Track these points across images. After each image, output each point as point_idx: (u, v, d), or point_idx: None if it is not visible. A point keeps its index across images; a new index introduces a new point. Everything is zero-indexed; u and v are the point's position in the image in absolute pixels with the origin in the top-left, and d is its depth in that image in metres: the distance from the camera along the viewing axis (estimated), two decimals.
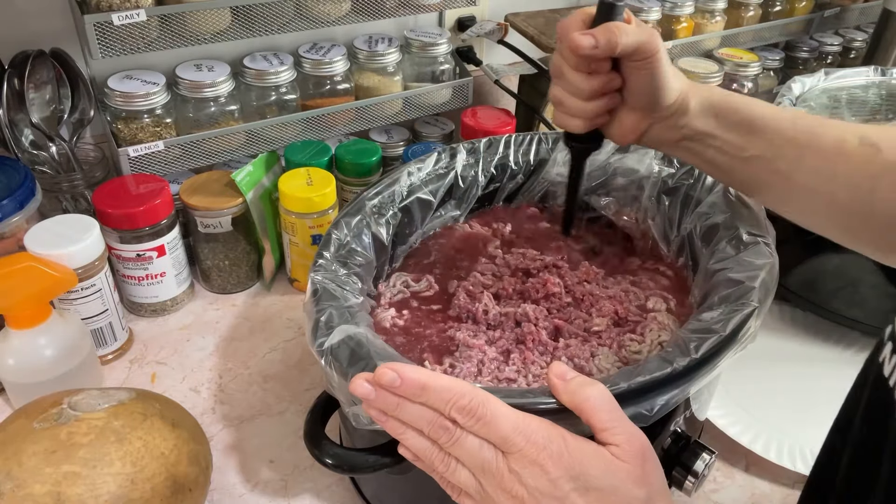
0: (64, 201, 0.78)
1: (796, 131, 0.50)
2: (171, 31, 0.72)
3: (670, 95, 0.52)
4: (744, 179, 0.54)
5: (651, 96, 0.51)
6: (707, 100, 0.52)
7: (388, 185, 0.63)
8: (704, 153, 0.53)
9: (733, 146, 0.52)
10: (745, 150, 0.51)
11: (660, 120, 0.53)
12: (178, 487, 0.52)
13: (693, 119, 0.52)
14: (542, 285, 0.60)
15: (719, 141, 0.52)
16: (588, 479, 0.38)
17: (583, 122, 0.53)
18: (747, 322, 0.48)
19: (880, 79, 0.91)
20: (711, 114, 0.52)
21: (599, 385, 0.41)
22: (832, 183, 0.49)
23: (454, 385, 0.39)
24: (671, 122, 0.53)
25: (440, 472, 0.40)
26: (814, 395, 0.71)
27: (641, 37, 0.49)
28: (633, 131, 0.54)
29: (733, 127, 0.52)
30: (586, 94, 0.51)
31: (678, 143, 0.54)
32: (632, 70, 0.51)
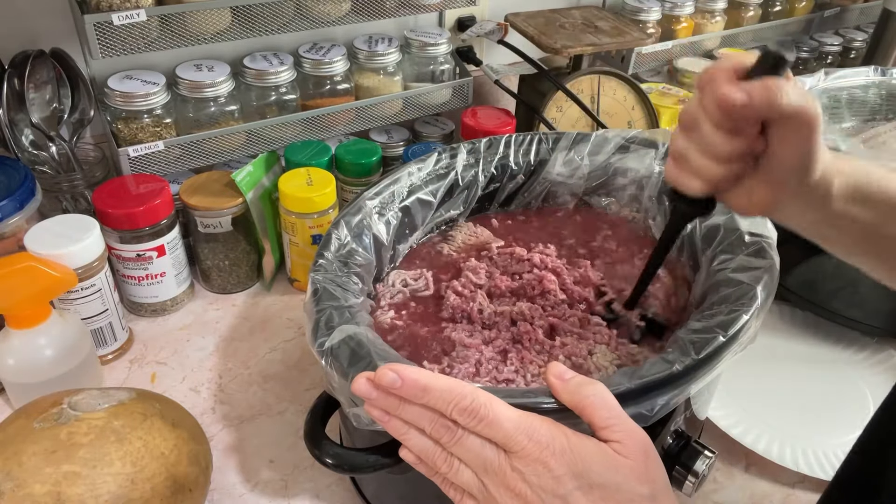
0: (64, 201, 0.78)
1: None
2: (171, 31, 0.72)
3: (815, 172, 0.44)
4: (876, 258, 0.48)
5: (795, 171, 0.44)
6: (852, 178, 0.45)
7: (389, 185, 0.63)
8: (840, 238, 0.48)
9: (873, 226, 0.46)
10: (881, 229, 0.46)
11: (796, 198, 0.45)
12: (178, 487, 0.52)
13: (833, 202, 0.45)
14: (539, 282, 0.60)
15: (859, 223, 0.46)
16: (591, 475, 0.38)
17: (706, 185, 0.45)
18: (747, 322, 0.48)
19: (880, 79, 0.91)
20: (852, 194, 0.45)
21: (598, 384, 0.41)
22: None
23: (455, 386, 0.39)
24: (809, 202, 0.45)
25: (443, 472, 0.40)
26: (814, 395, 0.71)
27: (804, 102, 0.41)
28: (761, 205, 0.46)
29: (874, 208, 0.45)
30: (723, 157, 0.43)
31: (809, 223, 0.47)
32: (783, 137, 0.42)
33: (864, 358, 0.76)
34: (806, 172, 0.44)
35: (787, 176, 0.44)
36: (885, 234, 0.46)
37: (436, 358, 0.55)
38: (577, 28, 0.95)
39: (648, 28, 1.06)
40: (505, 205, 0.70)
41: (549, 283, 0.60)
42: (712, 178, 0.44)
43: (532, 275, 0.61)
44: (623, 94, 0.97)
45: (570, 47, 0.90)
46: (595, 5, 1.06)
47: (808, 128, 0.42)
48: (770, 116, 0.41)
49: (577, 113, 0.95)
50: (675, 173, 0.46)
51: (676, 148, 0.46)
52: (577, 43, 0.91)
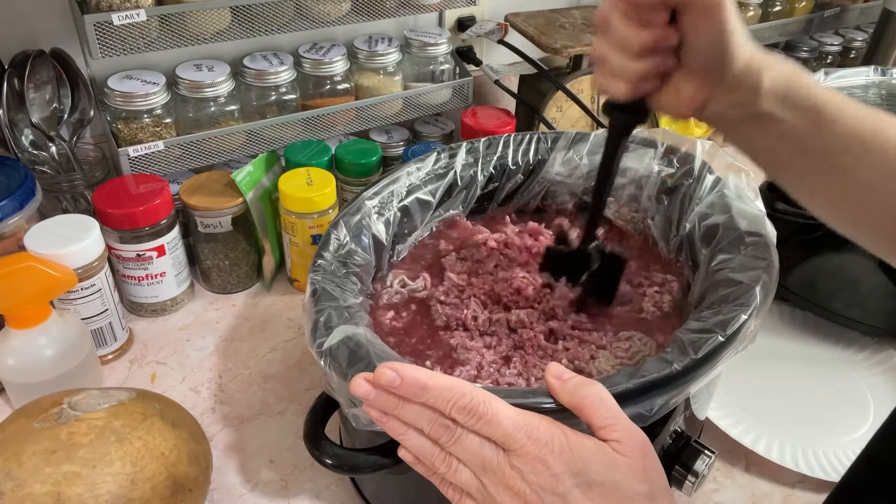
0: (64, 201, 0.78)
1: (864, 125, 0.45)
2: (171, 31, 0.72)
3: (739, 59, 0.43)
4: (798, 173, 0.48)
5: (715, 58, 0.43)
6: (780, 76, 0.45)
7: (388, 185, 0.63)
8: (763, 140, 0.47)
9: (798, 134, 0.45)
10: (808, 140, 0.45)
11: (724, 92, 0.45)
12: (178, 487, 0.52)
13: (764, 99, 0.45)
14: (517, 293, 0.59)
15: (785, 126, 0.45)
16: (590, 474, 0.38)
17: (628, 85, 0.45)
18: (747, 322, 0.48)
19: (880, 79, 0.91)
20: (782, 94, 0.45)
21: (597, 384, 0.41)
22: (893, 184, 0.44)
23: (455, 384, 0.39)
24: (737, 98, 0.45)
25: (441, 472, 0.40)
26: (814, 395, 0.71)
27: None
28: (690, 102, 0.46)
29: (801, 113, 0.45)
30: (636, 50, 0.43)
31: (739, 122, 0.47)
32: (693, 23, 0.42)
33: (865, 358, 0.76)
34: (725, 60, 0.43)
35: (706, 64, 0.44)
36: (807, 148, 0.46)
37: (437, 360, 0.55)
38: (577, 28, 0.95)
39: None
40: (504, 204, 0.70)
41: (526, 290, 0.59)
42: (633, 76, 0.44)
43: (503, 281, 0.60)
44: None
45: (570, 47, 0.90)
46: (595, 5, 1.06)
47: (714, 8, 0.41)
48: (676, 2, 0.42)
49: (577, 113, 0.95)
50: (600, 79, 0.47)
51: (596, 52, 0.46)
52: (577, 43, 0.91)
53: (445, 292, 0.60)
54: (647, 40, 0.43)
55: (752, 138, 0.48)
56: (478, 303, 0.59)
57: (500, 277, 0.61)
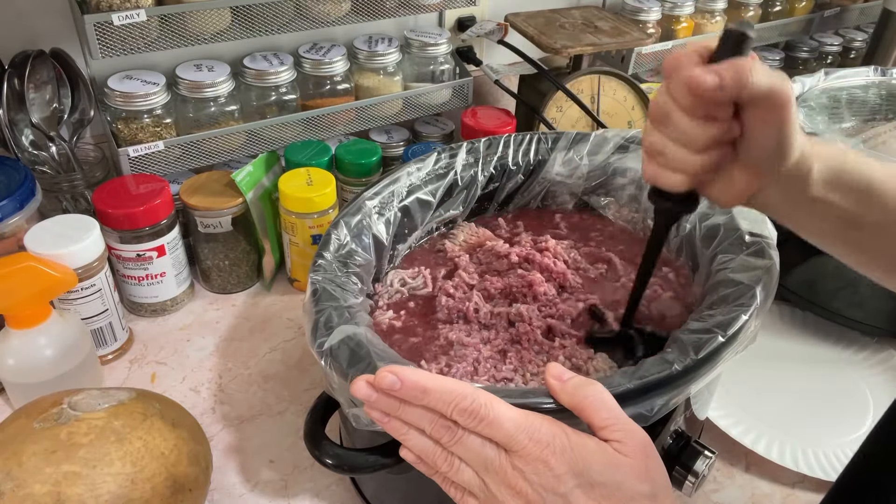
0: (64, 201, 0.78)
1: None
2: (171, 31, 0.72)
3: (794, 154, 0.43)
4: (854, 247, 0.47)
5: (773, 152, 0.43)
6: (829, 162, 0.44)
7: (388, 185, 0.63)
8: (815, 222, 0.46)
9: (851, 214, 0.45)
10: (861, 218, 0.45)
11: (774, 184, 0.45)
12: (178, 487, 0.52)
13: (812, 186, 0.44)
14: (529, 286, 0.60)
15: (834, 209, 0.45)
16: (591, 474, 0.38)
17: (687, 178, 0.44)
18: (747, 323, 0.48)
19: (880, 79, 0.91)
20: (831, 179, 0.44)
21: (597, 384, 0.41)
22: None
23: (455, 387, 0.39)
24: (786, 188, 0.45)
25: (443, 471, 0.40)
26: (814, 395, 0.71)
27: (775, 81, 0.40)
28: (742, 193, 0.45)
29: (852, 193, 0.44)
30: (699, 145, 0.42)
31: (790, 209, 0.46)
32: (758, 118, 0.41)
33: (865, 358, 0.76)
34: (783, 154, 0.43)
35: (765, 158, 0.43)
36: (861, 224, 0.45)
37: (434, 357, 0.55)
38: (577, 28, 0.95)
39: (648, 28, 1.06)
40: (504, 205, 0.70)
41: (538, 287, 0.59)
42: (693, 170, 0.43)
43: (519, 277, 0.61)
44: (623, 95, 0.97)
45: (570, 47, 0.90)
46: (595, 5, 1.06)
47: (781, 106, 0.41)
48: (742, 97, 0.40)
49: (577, 113, 0.95)
50: (653, 170, 0.45)
51: (651, 144, 0.44)
52: (577, 43, 0.91)
53: (455, 286, 0.60)
54: (713, 136, 0.42)
55: (804, 224, 0.47)
56: (480, 296, 0.59)
57: (518, 274, 0.61)
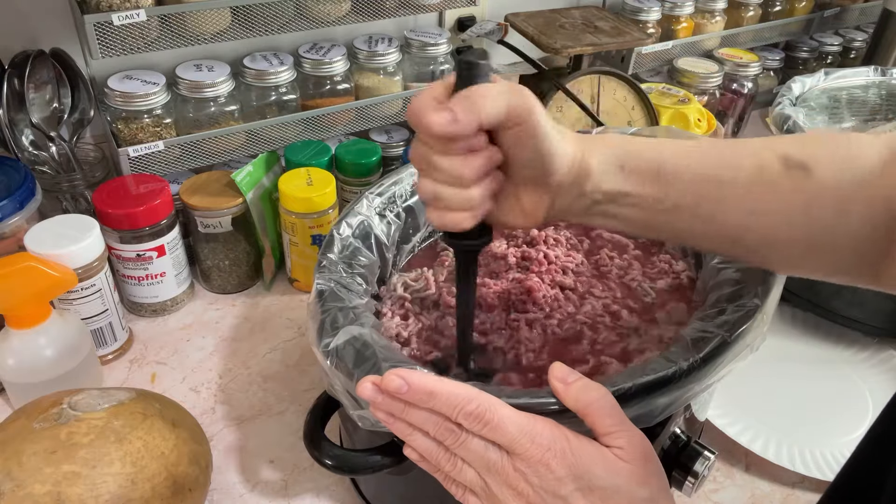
0: (64, 201, 0.78)
1: (711, 167, 0.43)
2: (171, 31, 0.72)
3: (563, 160, 0.43)
4: (674, 232, 0.46)
5: (540, 166, 0.42)
6: (608, 153, 0.44)
7: (391, 186, 0.63)
8: (621, 214, 0.45)
9: (649, 199, 0.44)
10: (662, 202, 0.44)
11: (562, 191, 0.44)
12: (178, 487, 0.52)
13: (600, 181, 0.44)
14: (528, 293, 0.59)
15: (633, 198, 0.44)
16: (592, 478, 0.38)
17: (470, 214, 0.42)
18: (752, 322, 0.48)
19: (880, 79, 0.91)
20: (617, 169, 0.44)
21: (601, 388, 0.41)
22: (765, 219, 0.43)
23: (461, 391, 0.39)
24: (576, 191, 0.44)
25: (446, 471, 0.41)
26: (813, 395, 0.71)
27: (510, 99, 0.40)
28: (535, 211, 0.45)
29: (644, 178, 0.44)
30: (468, 180, 0.41)
31: (589, 209, 0.46)
32: (510, 140, 0.41)
33: (865, 358, 0.76)
34: (550, 164, 0.42)
35: (534, 174, 0.43)
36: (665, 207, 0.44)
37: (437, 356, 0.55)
38: (577, 28, 0.95)
39: (648, 28, 1.06)
40: None
41: (537, 293, 0.59)
42: (472, 205, 0.42)
43: (517, 282, 0.60)
44: (623, 94, 0.97)
45: (570, 47, 0.90)
46: (595, 5, 1.06)
47: (524, 121, 0.40)
48: (485, 124, 0.40)
49: (577, 113, 0.95)
50: (438, 216, 0.43)
51: (425, 193, 0.43)
52: (577, 43, 0.91)
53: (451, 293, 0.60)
54: (477, 166, 0.41)
55: (607, 218, 0.46)
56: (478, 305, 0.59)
57: (516, 278, 0.61)
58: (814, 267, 0.45)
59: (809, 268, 0.46)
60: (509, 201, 0.44)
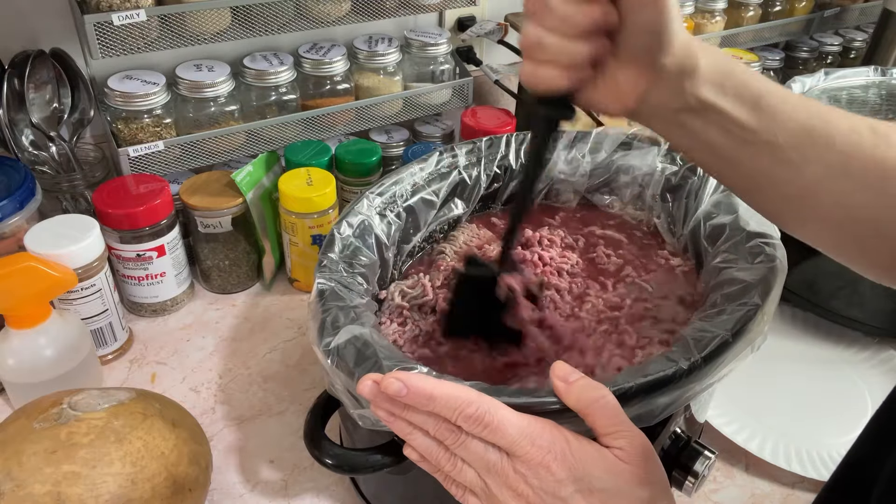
0: (64, 201, 0.77)
1: (810, 115, 0.42)
2: (171, 31, 0.72)
3: (676, 42, 0.40)
4: (746, 172, 0.44)
5: (654, 38, 0.40)
6: (716, 60, 0.42)
7: (391, 185, 0.63)
8: (705, 133, 0.43)
9: (741, 126, 0.42)
10: (753, 133, 0.42)
11: (660, 81, 0.42)
12: (178, 487, 0.52)
13: (700, 84, 0.41)
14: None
15: (725, 118, 0.42)
16: (592, 480, 0.38)
17: (567, 73, 0.41)
18: (752, 321, 0.48)
19: (880, 79, 0.91)
20: (720, 80, 0.42)
21: (603, 388, 0.41)
22: (846, 180, 0.41)
23: (461, 393, 0.39)
24: (674, 86, 0.42)
25: (446, 471, 0.41)
26: (814, 396, 0.71)
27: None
28: (629, 94, 0.42)
29: (743, 102, 0.42)
30: (578, 29, 0.39)
31: (677, 115, 0.43)
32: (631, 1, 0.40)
33: (865, 359, 0.76)
34: (665, 41, 0.40)
35: (646, 47, 0.41)
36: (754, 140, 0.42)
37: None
38: None
39: None
40: (508, 204, 0.70)
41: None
42: (572, 60, 0.40)
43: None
44: None
45: None
46: None
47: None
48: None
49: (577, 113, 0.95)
50: (532, 69, 0.41)
51: (528, 39, 0.41)
52: None
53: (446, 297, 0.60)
54: (592, 17, 0.39)
55: (691, 132, 0.44)
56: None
57: None
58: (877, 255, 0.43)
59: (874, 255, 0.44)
60: (606, 77, 0.42)
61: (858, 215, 0.42)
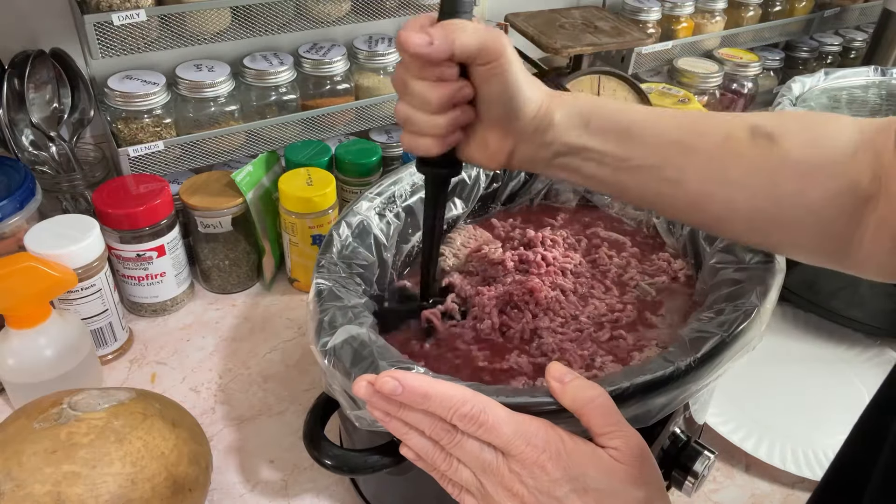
0: (64, 201, 0.78)
1: (679, 132, 0.46)
2: (171, 31, 0.72)
3: (529, 106, 0.46)
4: (636, 193, 0.49)
5: (506, 107, 0.46)
6: (574, 109, 0.47)
7: (390, 186, 0.63)
8: (583, 169, 0.48)
9: (613, 157, 0.47)
10: (627, 161, 0.47)
11: (525, 138, 0.48)
12: (178, 487, 0.52)
13: (562, 133, 0.47)
14: (530, 294, 0.59)
15: (596, 153, 0.47)
16: (587, 480, 0.38)
17: (435, 140, 0.47)
18: (749, 323, 0.48)
19: (880, 79, 0.91)
20: (581, 124, 0.47)
21: (598, 388, 0.41)
22: (727, 187, 0.45)
23: (456, 392, 0.39)
24: (538, 140, 0.48)
25: (442, 470, 0.41)
26: (813, 396, 0.71)
27: (485, 36, 0.44)
28: (498, 152, 0.49)
29: (609, 136, 0.47)
30: (434, 106, 0.45)
31: (552, 161, 0.49)
32: (481, 77, 0.45)
33: (866, 359, 0.75)
34: (516, 106, 0.46)
35: (500, 113, 0.46)
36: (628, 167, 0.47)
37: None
38: (577, 28, 0.95)
39: (648, 28, 1.06)
40: (507, 203, 0.70)
41: (539, 293, 0.59)
42: (437, 131, 0.46)
43: (518, 284, 0.60)
44: (623, 94, 0.97)
45: (570, 47, 0.90)
46: (595, 5, 1.06)
47: (495, 59, 0.44)
48: (459, 56, 0.44)
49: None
50: (408, 139, 0.48)
51: (399, 114, 0.47)
52: (577, 43, 0.91)
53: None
54: (444, 94, 0.45)
55: (571, 170, 0.49)
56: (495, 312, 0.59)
57: (517, 280, 0.61)
58: (777, 241, 0.47)
59: (773, 242, 0.47)
60: (477, 139, 0.48)
61: (753, 216, 0.45)
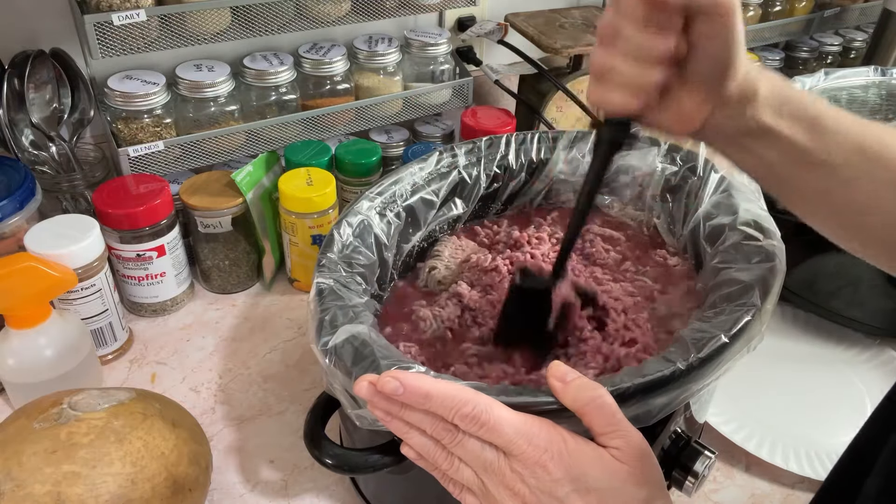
0: (64, 201, 0.77)
1: (863, 135, 0.44)
2: (171, 31, 0.72)
3: (741, 70, 0.42)
4: (799, 188, 0.46)
5: (721, 69, 0.42)
6: (774, 86, 0.44)
7: (391, 185, 0.63)
8: (765, 154, 0.45)
9: (798, 147, 0.44)
10: (809, 153, 0.44)
11: (724, 106, 0.43)
12: (178, 487, 0.52)
13: (760, 109, 0.43)
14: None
15: (783, 140, 0.44)
16: (588, 480, 0.38)
17: (637, 97, 0.42)
18: (750, 323, 0.48)
19: (880, 79, 0.91)
20: (777, 104, 0.43)
21: (600, 388, 0.41)
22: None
23: (457, 392, 0.39)
24: (736, 111, 0.44)
25: (443, 469, 0.41)
26: (813, 396, 0.71)
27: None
28: (695, 117, 0.44)
29: (799, 125, 0.44)
30: (654, 58, 0.40)
31: (739, 138, 0.45)
32: (705, 33, 0.40)
33: (866, 360, 0.75)
34: (729, 69, 0.42)
35: (711, 75, 0.42)
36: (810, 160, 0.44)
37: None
38: (577, 28, 0.95)
39: None
40: (507, 204, 0.70)
41: None
42: (644, 86, 0.42)
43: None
44: None
45: (570, 47, 0.90)
46: (595, 5, 1.06)
47: (727, 14, 0.40)
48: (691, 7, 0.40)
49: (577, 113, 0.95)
50: (600, 92, 0.43)
51: (599, 64, 0.43)
52: (577, 43, 0.91)
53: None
54: (666, 48, 0.40)
55: (751, 154, 0.46)
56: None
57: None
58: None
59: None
60: (671, 102, 0.43)
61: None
